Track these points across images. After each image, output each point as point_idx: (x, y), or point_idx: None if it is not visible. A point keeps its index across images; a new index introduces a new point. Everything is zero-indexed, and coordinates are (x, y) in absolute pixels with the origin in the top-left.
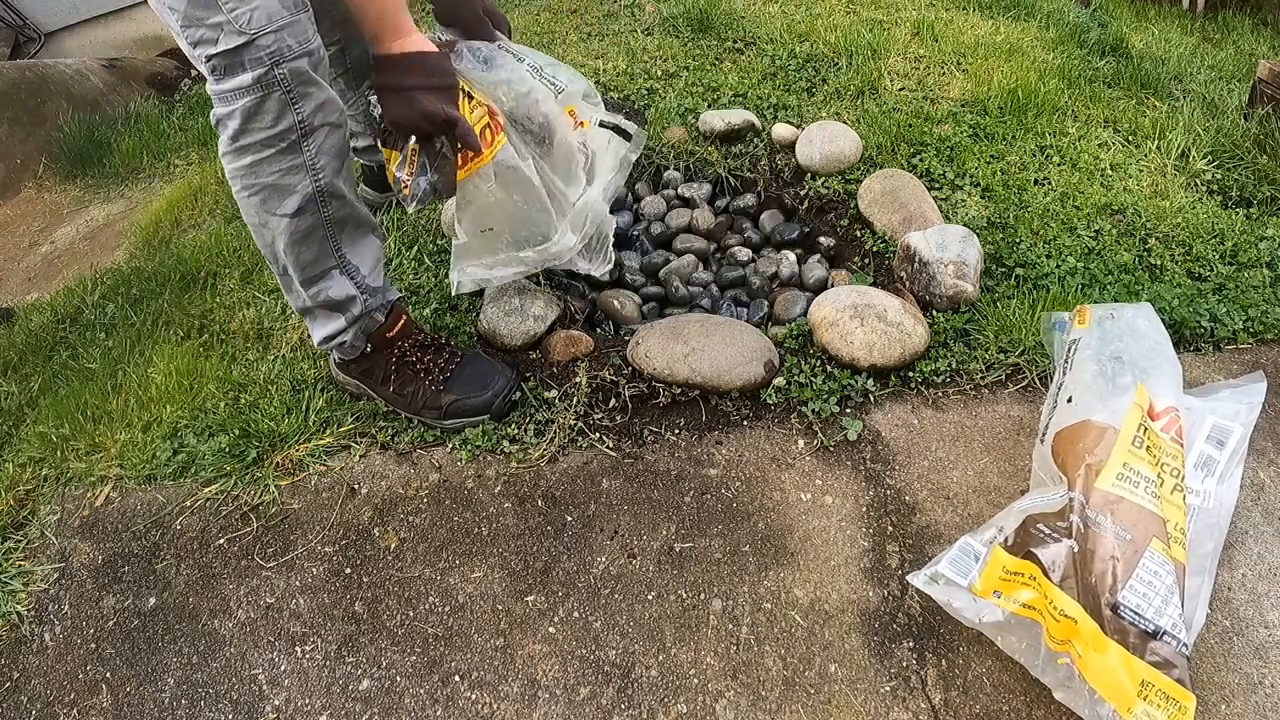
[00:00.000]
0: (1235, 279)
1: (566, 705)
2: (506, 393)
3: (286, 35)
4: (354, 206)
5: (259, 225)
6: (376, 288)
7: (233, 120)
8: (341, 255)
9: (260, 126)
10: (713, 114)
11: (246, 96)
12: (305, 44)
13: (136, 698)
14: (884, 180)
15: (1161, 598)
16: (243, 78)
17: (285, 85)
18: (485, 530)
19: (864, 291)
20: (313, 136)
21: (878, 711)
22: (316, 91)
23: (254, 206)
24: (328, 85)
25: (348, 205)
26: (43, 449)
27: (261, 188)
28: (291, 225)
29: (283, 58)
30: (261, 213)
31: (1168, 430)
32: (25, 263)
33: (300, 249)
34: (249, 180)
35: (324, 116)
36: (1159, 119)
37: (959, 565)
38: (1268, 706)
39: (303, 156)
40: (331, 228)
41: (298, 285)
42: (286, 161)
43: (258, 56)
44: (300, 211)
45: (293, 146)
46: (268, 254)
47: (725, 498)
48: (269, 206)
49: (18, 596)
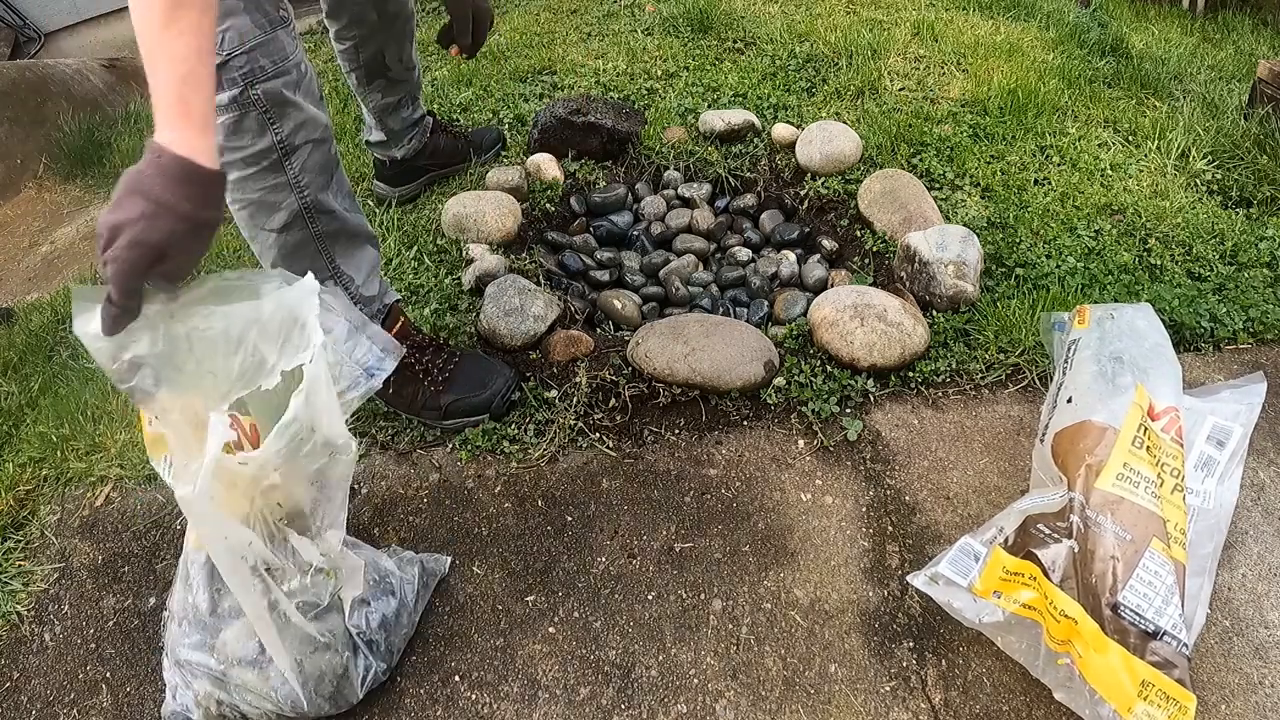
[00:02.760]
0: (1235, 279)
1: (566, 705)
2: (506, 392)
3: (260, 55)
4: (345, 219)
5: (250, 238)
6: (371, 296)
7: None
8: (335, 267)
9: (240, 145)
10: (713, 114)
11: (224, 114)
12: (281, 64)
13: (136, 698)
14: (884, 180)
15: (1162, 598)
16: (219, 97)
17: (261, 106)
18: (485, 530)
19: (864, 291)
20: (295, 155)
21: (878, 711)
22: (294, 111)
23: (244, 220)
24: (309, 104)
25: (337, 219)
26: (43, 449)
27: (249, 203)
28: (280, 240)
29: (256, 79)
30: (251, 227)
31: (1168, 431)
32: (25, 263)
33: (291, 262)
34: (236, 194)
35: (306, 134)
36: (1159, 119)
37: (959, 565)
38: (1268, 706)
39: (286, 175)
40: (322, 241)
41: None
42: (270, 179)
43: (231, 77)
44: (287, 227)
45: (275, 165)
46: (263, 264)
47: (725, 498)
48: (257, 221)
49: (18, 596)
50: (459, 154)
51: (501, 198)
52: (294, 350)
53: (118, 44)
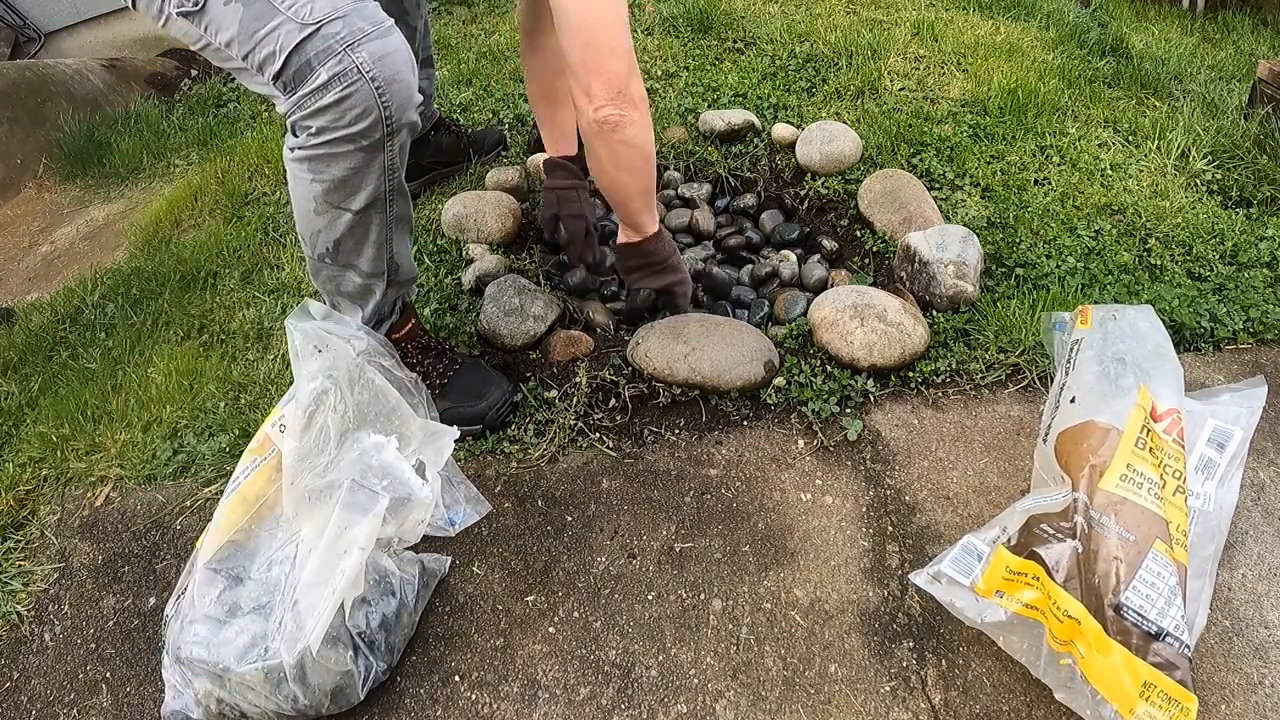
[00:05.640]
0: (1235, 279)
1: (566, 705)
2: (501, 405)
3: (356, 19)
4: (409, 200)
5: (314, 213)
6: (407, 280)
7: (315, 120)
8: (390, 251)
9: (340, 121)
10: (713, 114)
11: (328, 92)
12: (378, 25)
13: (136, 698)
14: (884, 180)
15: (1164, 599)
16: (318, 73)
17: (372, 79)
18: (485, 530)
19: (864, 291)
20: (397, 135)
21: (878, 711)
22: (401, 88)
23: (316, 196)
24: (412, 78)
25: (406, 201)
26: (43, 449)
27: (331, 179)
28: (353, 220)
29: (356, 40)
30: (323, 203)
31: (1170, 432)
32: (25, 263)
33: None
34: (318, 168)
35: (410, 114)
36: (1159, 119)
37: (961, 565)
38: (1268, 706)
39: (384, 156)
40: (390, 226)
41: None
42: (364, 158)
43: (328, 46)
44: (367, 208)
45: (376, 145)
46: (315, 244)
47: (725, 498)
48: (333, 200)
49: (18, 596)
50: (460, 153)
51: (501, 198)
52: (397, 485)
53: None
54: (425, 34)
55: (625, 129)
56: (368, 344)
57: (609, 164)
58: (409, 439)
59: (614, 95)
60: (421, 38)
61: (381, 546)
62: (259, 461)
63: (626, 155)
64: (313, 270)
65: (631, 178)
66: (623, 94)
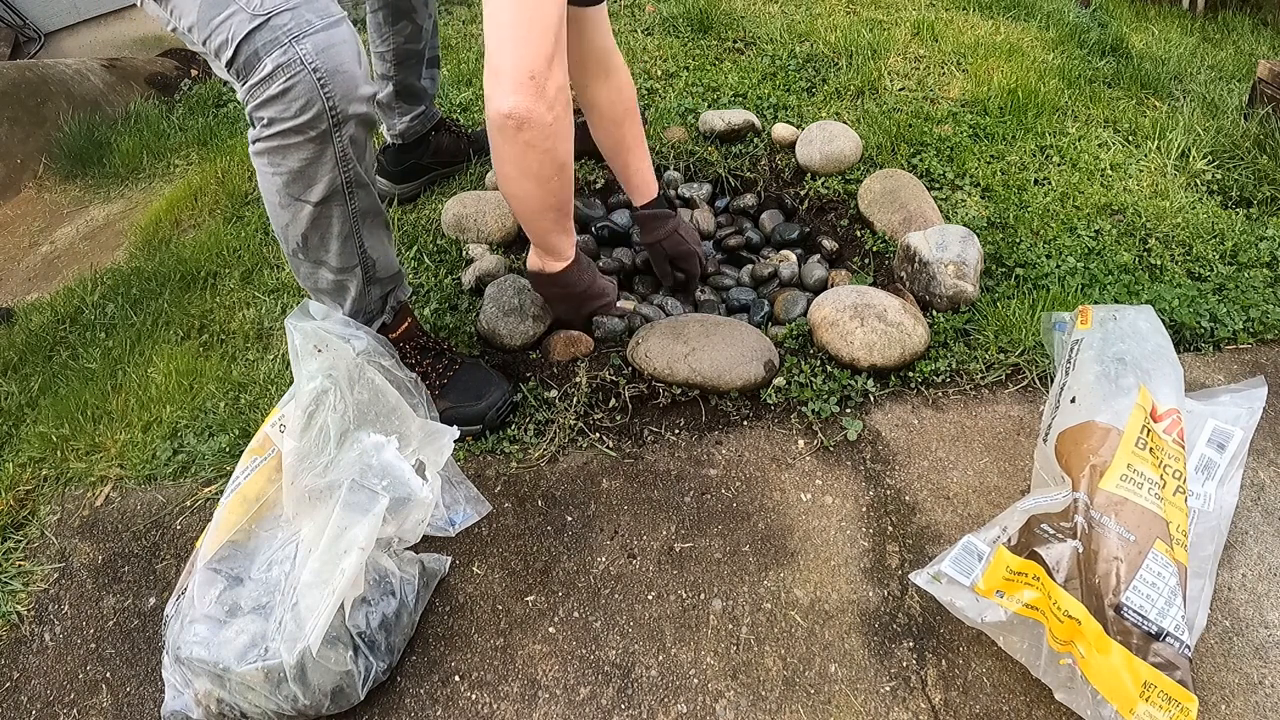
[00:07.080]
0: (1235, 279)
1: (566, 705)
2: (501, 405)
3: (305, 10)
4: (375, 195)
5: (280, 206)
6: (388, 278)
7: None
8: (363, 246)
9: (287, 112)
10: (713, 114)
11: (273, 83)
12: (327, 19)
13: (136, 698)
14: (884, 180)
15: (1165, 599)
16: (264, 63)
17: (314, 69)
18: (485, 530)
19: (864, 291)
20: (345, 125)
21: (878, 711)
22: (346, 78)
23: (279, 188)
24: (358, 69)
25: (370, 195)
26: (43, 449)
27: (287, 171)
28: (315, 213)
29: (304, 32)
30: (284, 196)
31: (1170, 432)
32: (25, 263)
33: (321, 237)
34: (274, 160)
35: (357, 105)
36: (1159, 119)
37: (961, 564)
38: (1268, 706)
39: (334, 145)
40: (356, 219)
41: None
42: (315, 149)
43: (275, 38)
44: (326, 200)
45: (324, 136)
46: (287, 238)
47: (725, 498)
48: (293, 192)
49: (18, 596)
50: (460, 153)
51: (501, 198)
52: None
53: (118, 44)
54: (433, 33)
55: (533, 127)
56: (368, 344)
57: (513, 168)
58: (409, 439)
59: (523, 82)
60: (429, 37)
61: (381, 546)
62: (259, 461)
63: (535, 162)
64: (292, 269)
65: (541, 189)
66: (535, 82)
